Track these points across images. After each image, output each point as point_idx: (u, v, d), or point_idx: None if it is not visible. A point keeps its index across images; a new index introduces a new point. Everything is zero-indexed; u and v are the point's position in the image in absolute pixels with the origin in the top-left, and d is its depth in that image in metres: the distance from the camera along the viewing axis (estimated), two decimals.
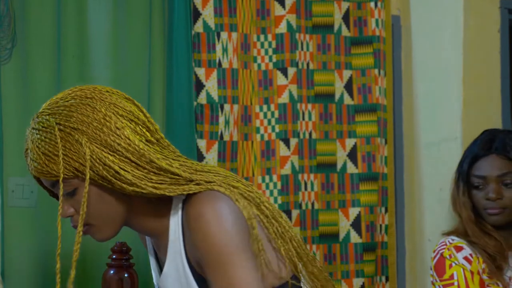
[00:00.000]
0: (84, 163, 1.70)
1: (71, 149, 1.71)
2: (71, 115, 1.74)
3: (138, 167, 1.72)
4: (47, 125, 1.74)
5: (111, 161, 1.70)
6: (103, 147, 1.71)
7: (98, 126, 1.72)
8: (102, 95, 1.80)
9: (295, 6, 3.20)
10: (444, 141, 3.44)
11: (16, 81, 2.84)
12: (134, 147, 1.72)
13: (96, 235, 1.79)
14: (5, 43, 2.81)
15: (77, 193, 1.73)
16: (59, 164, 1.70)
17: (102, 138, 1.72)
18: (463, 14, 3.40)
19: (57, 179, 1.72)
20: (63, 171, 1.70)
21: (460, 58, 3.40)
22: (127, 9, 2.98)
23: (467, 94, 3.41)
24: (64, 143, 1.71)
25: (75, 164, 1.71)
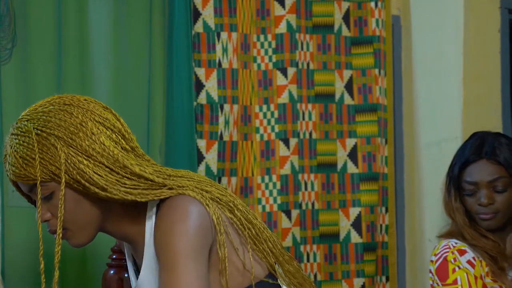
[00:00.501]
0: (60, 167, 1.74)
1: (48, 152, 1.74)
2: (48, 120, 1.78)
3: (111, 172, 1.75)
4: (25, 130, 1.78)
5: (85, 165, 1.74)
6: (79, 152, 1.75)
7: (74, 131, 1.76)
8: (80, 102, 1.83)
9: (295, 6, 3.20)
10: (444, 141, 3.44)
11: (16, 81, 2.84)
12: (108, 152, 1.76)
13: (71, 240, 1.84)
14: (5, 43, 2.81)
15: (54, 196, 1.78)
16: (36, 168, 1.74)
17: (78, 142, 1.75)
18: (463, 14, 3.40)
19: (34, 183, 1.75)
20: (40, 174, 1.74)
21: (460, 58, 3.40)
22: (128, 9, 2.98)
23: (467, 94, 3.41)
24: (41, 147, 1.75)
25: (51, 168, 1.74)
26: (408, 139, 3.51)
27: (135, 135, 2.98)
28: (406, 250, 3.48)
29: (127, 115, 2.96)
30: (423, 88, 3.49)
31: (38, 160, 1.74)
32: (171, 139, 2.99)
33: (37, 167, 1.74)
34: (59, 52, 2.89)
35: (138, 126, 2.99)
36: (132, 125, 2.98)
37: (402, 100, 3.51)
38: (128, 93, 2.97)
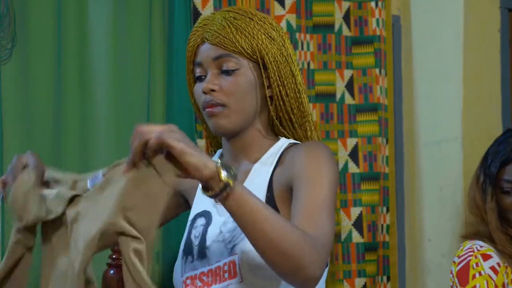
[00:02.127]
0: (275, 56, 1.87)
1: (264, 35, 1.86)
2: (265, 16, 1.94)
3: (300, 94, 1.94)
4: (246, 12, 1.90)
5: (296, 75, 1.90)
6: (290, 55, 1.91)
7: (288, 42, 1.93)
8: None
9: (295, 6, 3.20)
10: (444, 141, 3.44)
11: (16, 81, 2.84)
12: (301, 78, 1.94)
13: (221, 119, 1.87)
14: (5, 43, 2.81)
15: (236, 74, 1.86)
16: (247, 40, 1.85)
17: (288, 51, 1.92)
18: (463, 14, 3.40)
19: (231, 51, 1.85)
20: (243, 46, 1.85)
21: (460, 58, 3.40)
22: (127, 9, 2.98)
23: (468, 94, 3.41)
24: (259, 28, 1.87)
25: (259, 47, 1.86)
26: (408, 138, 3.51)
27: None
28: (406, 250, 3.48)
29: (126, 115, 2.97)
30: (423, 87, 3.49)
31: (251, 34, 1.85)
32: None
33: (244, 39, 1.85)
34: (59, 52, 2.88)
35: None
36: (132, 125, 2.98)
37: (402, 99, 3.51)
38: (128, 93, 2.97)
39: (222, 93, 1.86)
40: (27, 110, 2.85)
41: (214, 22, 1.86)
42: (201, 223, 1.91)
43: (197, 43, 1.88)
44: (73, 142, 2.89)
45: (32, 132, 2.85)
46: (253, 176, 1.90)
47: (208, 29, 1.86)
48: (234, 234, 1.83)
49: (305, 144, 1.91)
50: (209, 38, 1.85)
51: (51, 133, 2.88)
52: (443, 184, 3.42)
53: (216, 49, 1.85)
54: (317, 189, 1.77)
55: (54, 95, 2.89)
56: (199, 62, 1.89)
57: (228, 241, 1.84)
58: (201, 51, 1.88)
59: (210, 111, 1.87)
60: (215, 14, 1.90)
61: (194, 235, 1.90)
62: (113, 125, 2.94)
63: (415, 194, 3.49)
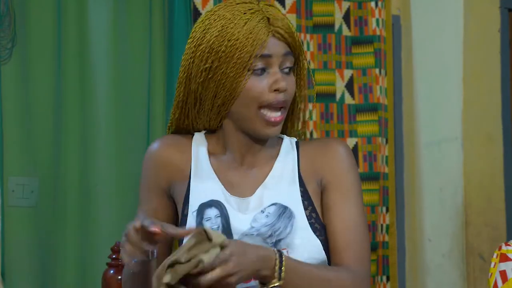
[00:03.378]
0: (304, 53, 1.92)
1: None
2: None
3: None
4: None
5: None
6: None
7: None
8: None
9: (295, 6, 3.20)
10: (444, 141, 3.44)
11: (16, 81, 2.84)
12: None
13: (278, 127, 1.86)
14: (5, 43, 2.81)
15: (291, 74, 1.86)
16: (298, 39, 1.87)
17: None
18: (463, 14, 3.40)
19: (293, 50, 1.86)
20: (300, 46, 1.88)
21: (460, 58, 3.40)
22: (128, 9, 2.98)
23: (467, 94, 3.41)
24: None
25: (300, 52, 1.89)
26: (408, 138, 3.51)
27: (135, 135, 3.00)
28: (406, 250, 3.48)
29: (127, 115, 2.97)
30: (423, 87, 3.48)
31: (297, 35, 1.88)
32: None
33: (297, 37, 1.87)
34: (59, 51, 2.89)
35: (138, 126, 2.99)
36: (132, 125, 3.00)
37: (402, 99, 3.51)
38: (128, 93, 2.97)
39: (287, 94, 1.85)
40: (27, 110, 2.85)
41: (275, 17, 1.85)
42: (215, 214, 1.87)
43: (267, 35, 1.83)
44: (73, 142, 2.89)
45: (32, 131, 2.85)
46: (278, 172, 1.90)
47: (276, 25, 1.83)
48: (274, 229, 1.83)
49: (335, 146, 1.93)
50: (283, 34, 1.83)
51: (51, 133, 2.88)
52: (443, 184, 3.42)
53: (285, 46, 1.84)
54: (354, 204, 1.87)
55: (54, 94, 2.89)
56: (267, 54, 1.83)
57: (268, 235, 1.83)
58: (270, 44, 1.83)
59: (275, 121, 1.84)
60: (262, 6, 1.87)
61: (211, 227, 1.83)
62: (113, 125, 2.94)
63: (415, 194, 3.49)
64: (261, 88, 1.82)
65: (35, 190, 2.83)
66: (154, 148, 1.93)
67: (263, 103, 1.82)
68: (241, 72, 1.82)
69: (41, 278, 2.85)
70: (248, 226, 1.84)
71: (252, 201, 1.86)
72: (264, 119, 1.83)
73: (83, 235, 2.89)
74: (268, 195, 1.86)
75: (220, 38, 1.83)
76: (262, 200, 1.85)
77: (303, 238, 1.81)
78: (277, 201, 1.85)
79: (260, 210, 1.84)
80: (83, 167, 2.90)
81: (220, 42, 1.83)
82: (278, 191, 1.86)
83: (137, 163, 2.95)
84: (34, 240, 2.84)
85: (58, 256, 2.86)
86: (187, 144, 1.92)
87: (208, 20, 1.86)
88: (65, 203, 2.87)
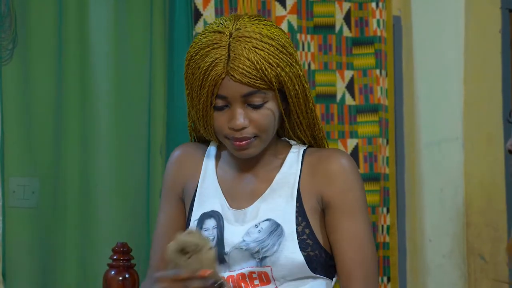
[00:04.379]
0: (291, 79, 1.84)
1: (285, 61, 1.83)
2: (278, 33, 1.86)
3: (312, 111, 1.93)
4: (263, 34, 1.83)
5: (307, 89, 1.88)
6: (301, 74, 1.88)
7: (298, 59, 1.88)
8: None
9: (296, 7, 3.20)
10: (445, 141, 3.44)
11: (17, 82, 2.84)
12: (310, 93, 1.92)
13: (251, 150, 1.85)
14: (6, 43, 2.81)
15: (264, 107, 1.83)
16: (273, 72, 1.81)
17: (298, 67, 1.88)
18: (464, 14, 3.39)
19: (259, 88, 1.81)
20: (272, 79, 1.81)
21: (461, 59, 3.40)
22: (128, 10, 2.98)
23: (468, 95, 3.40)
24: (278, 53, 1.82)
25: (282, 77, 1.82)
26: (409, 139, 3.51)
27: (136, 136, 3.00)
28: (407, 251, 3.48)
29: (127, 116, 2.97)
30: (423, 88, 3.48)
31: (275, 64, 1.81)
32: (172, 139, 2.99)
33: (271, 73, 1.81)
34: (60, 52, 2.89)
35: (139, 127, 2.99)
36: (132, 125, 3.00)
37: (402, 100, 3.51)
38: (129, 94, 2.97)
39: (252, 127, 1.83)
40: (28, 110, 2.85)
41: (236, 55, 1.79)
42: (213, 225, 1.91)
43: (220, 76, 1.80)
44: (73, 142, 2.89)
45: (32, 132, 2.86)
46: (278, 186, 1.91)
47: (232, 65, 1.79)
48: (262, 246, 1.86)
49: (336, 161, 1.90)
50: (237, 77, 1.79)
51: (52, 133, 2.88)
52: (444, 185, 3.42)
53: (244, 87, 1.80)
54: (358, 222, 1.88)
55: (55, 95, 2.89)
56: (223, 96, 1.82)
57: (255, 251, 1.86)
58: (225, 85, 1.81)
59: (239, 145, 1.84)
60: (230, 39, 1.81)
61: (207, 237, 1.89)
62: (113, 125, 2.94)
63: (416, 194, 3.48)
64: (221, 123, 1.84)
65: (36, 191, 2.83)
66: (174, 155, 1.99)
67: (224, 136, 1.86)
68: (206, 106, 1.84)
69: (42, 279, 2.85)
70: (240, 239, 1.87)
71: (249, 213, 1.88)
72: (231, 144, 1.86)
73: (84, 235, 2.89)
74: (264, 209, 1.88)
75: (188, 68, 1.87)
76: (258, 213, 1.88)
77: (288, 259, 1.83)
78: (271, 217, 1.87)
79: (254, 223, 1.87)
80: (84, 167, 2.90)
81: (189, 72, 1.87)
82: (274, 205, 1.88)
83: (137, 163, 2.96)
84: (35, 241, 2.84)
85: (59, 256, 2.86)
86: (202, 153, 1.97)
87: (192, 44, 1.88)
88: (66, 204, 2.87)
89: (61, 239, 2.86)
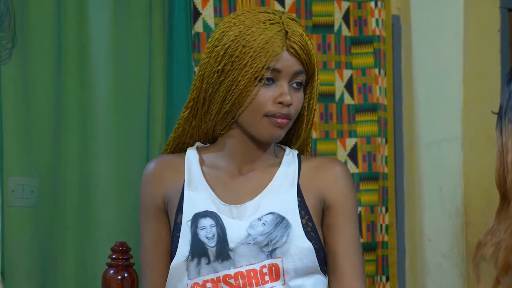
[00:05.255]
0: (318, 77, 1.97)
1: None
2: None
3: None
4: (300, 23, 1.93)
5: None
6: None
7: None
8: None
9: (295, 6, 3.20)
10: (444, 141, 3.44)
11: (16, 81, 2.84)
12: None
13: (282, 131, 1.90)
14: (5, 42, 2.81)
15: (300, 90, 1.91)
16: (315, 59, 1.91)
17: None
18: (463, 13, 3.39)
19: (306, 69, 1.89)
20: (313, 66, 1.92)
21: (460, 58, 3.39)
22: (128, 9, 2.98)
23: (467, 94, 3.40)
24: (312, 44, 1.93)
25: (317, 70, 1.94)
26: (408, 138, 3.51)
27: (135, 135, 3.00)
28: (406, 250, 3.48)
29: (127, 115, 2.97)
30: (423, 88, 3.48)
31: (314, 53, 1.92)
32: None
33: (314, 59, 1.91)
34: (59, 51, 2.89)
35: (138, 126, 2.99)
36: (132, 124, 3.00)
37: (401, 99, 3.51)
38: (128, 93, 2.97)
39: (293, 108, 1.89)
40: (27, 109, 2.85)
41: (294, 32, 1.87)
42: (210, 223, 1.90)
43: (281, 48, 1.86)
44: (73, 141, 2.89)
45: (32, 131, 2.86)
46: (278, 182, 1.94)
47: (291, 40, 1.87)
48: (271, 238, 1.87)
49: (339, 166, 1.98)
50: (297, 50, 1.87)
51: (51, 132, 2.88)
52: (443, 184, 3.42)
53: (297, 64, 1.88)
54: (355, 227, 1.95)
55: (54, 94, 2.89)
56: (278, 69, 1.87)
57: (264, 244, 1.87)
58: (282, 59, 1.87)
59: (281, 122, 1.88)
60: (283, 19, 1.89)
61: (206, 236, 1.89)
62: (113, 125, 2.94)
63: (415, 194, 3.49)
64: (266, 98, 1.87)
65: (35, 190, 2.83)
66: (148, 169, 1.98)
67: (267, 113, 1.87)
68: (251, 80, 1.86)
69: (41, 278, 2.85)
70: (245, 233, 1.87)
71: (249, 208, 1.90)
72: (270, 121, 1.88)
73: (83, 235, 2.89)
74: (266, 203, 1.90)
75: (235, 43, 1.86)
76: (259, 207, 1.89)
77: (298, 248, 1.86)
78: (274, 210, 1.89)
79: (257, 217, 1.88)
80: (83, 167, 2.90)
81: (235, 47, 1.86)
82: (276, 200, 1.90)
83: (137, 163, 2.97)
84: (34, 240, 2.84)
85: (58, 256, 2.86)
86: (181, 161, 1.96)
87: (228, 23, 1.89)
88: (65, 203, 2.87)
89: (60, 238, 2.86)
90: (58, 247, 2.86)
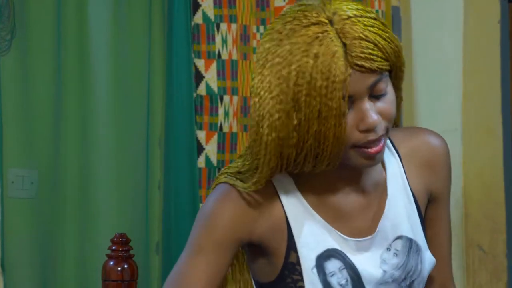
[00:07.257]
0: (401, 52, 1.48)
1: (390, 33, 1.48)
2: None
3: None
4: (366, 8, 1.46)
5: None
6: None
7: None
8: None
9: None
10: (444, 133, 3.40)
11: (16, 73, 2.84)
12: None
13: (382, 152, 1.50)
14: (4, 34, 2.81)
15: (387, 93, 1.49)
16: (390, 47, 1.46)
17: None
18: (463, 6, 3.39)
19: (384, 71, 1.46)
20: (393, 58, 1.48)
21: (460, 50, 3.39)
22: (127, 2, 2.97)
23: (467, 86, 3.40)
24: (386, 28, 1.48)
25: (396, 53, 1.48)
26: None
27: (135, 127, 3.00)
28: None
29: (126, 107, 2.97)
30: (422, 80, 3.48)
31: (389, 39, 1.46)
32: (171, 130, 2.99)
33: (388, 49, 1.45)
34: (59, 43, 2.88)
35: (138, 118, 2.99)
36: (131, 116, 3.00)
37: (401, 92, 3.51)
38: (128, 84, 2.97)
39: (383, 120, 1.49)
40: (26, 101, 2.85)
41: (353, 41, 1.43)
42: (338, 266, 1.55)
43: (341, 76, 1.42)
44: (72, 133, 2.89)
45: (31, 123, 2.86)
46: (393, 194, 1.59)
47: (354, 54, 1.43)
48: (408, 270, 1.58)
49: (439, 147, 1.65)
50: (366, 65, 1.43)
51: (51, 124, 2.88)
52: None
53: (370, 77, 1.45)
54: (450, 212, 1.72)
55: (54, 86, 2.89)
56: (350, 95, 1.45)
57: (402, 279, 1.58)
58: (352, 81, 1.43)
59: (375, 151, 1.48)
60: (335, 26, 1.44)
61: (339, 283, 1.54)
62: (112, 117, 2.94)
63: None
64: (348, 129, 1.46)
65: (35, 182, 2.83)
66: (228, 197, 1.53)
67: (355, 144, 1.48)
68: (339, 116, 1.44)
69: (41, 269, 2.85)
70: (380, 271, 1.57)
71: (377, 238, 1.57)
72: (361, 153, 1.49)
73: (83, 226, 2.89)
74: (391, 227, 1.57)
75: (299, 81, 1.43)
76: (386, 234, 1.57)
77: (429, 270, 1.61)
78: (401, 233, 1.57)
79: (385, 247, 1.57)
80: (83, 158, 2.90)
81: (299, 86, 1.43)
82: (399, 219, 1.58)
83: (136, 155, 2.97)
84: (34, 232, 2.84)
85: (58, 247, 2.86)
86: (272, 190, 1.54)
87: (269, 51, 1.49)
88: (65, 195, 2.87)
89: (60, 229, 2.86)
90: (58, 238, 2.86)
